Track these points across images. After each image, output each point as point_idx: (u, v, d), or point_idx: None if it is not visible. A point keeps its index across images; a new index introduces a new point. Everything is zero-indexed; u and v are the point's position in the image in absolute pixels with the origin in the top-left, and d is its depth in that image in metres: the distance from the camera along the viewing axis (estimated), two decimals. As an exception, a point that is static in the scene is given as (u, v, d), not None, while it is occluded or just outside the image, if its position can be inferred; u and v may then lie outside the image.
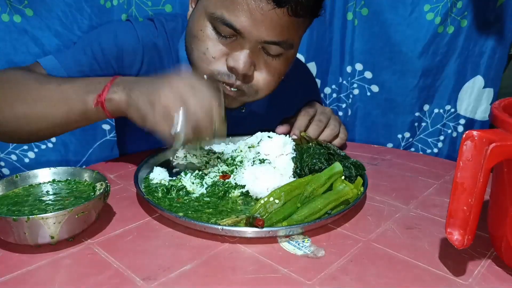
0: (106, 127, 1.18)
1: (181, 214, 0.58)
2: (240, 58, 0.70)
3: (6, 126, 0.70)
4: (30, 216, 0.48)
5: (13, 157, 1.11)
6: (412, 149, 1.25)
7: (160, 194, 0.65)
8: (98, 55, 0.80)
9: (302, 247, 0.53)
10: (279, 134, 0.83)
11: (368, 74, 1.22)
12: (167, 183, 0.68)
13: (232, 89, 0.74)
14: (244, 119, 0.95)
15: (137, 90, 0.61)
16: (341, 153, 0.73)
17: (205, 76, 0.73)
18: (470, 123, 1.19)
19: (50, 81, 0.69)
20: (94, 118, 0.67)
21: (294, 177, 0.69)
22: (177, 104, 0.57)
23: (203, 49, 0.72)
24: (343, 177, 0.65)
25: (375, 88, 1.22)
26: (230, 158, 0.77)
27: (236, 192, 0.65)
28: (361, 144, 1.00)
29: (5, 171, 1.12)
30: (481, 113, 1.18)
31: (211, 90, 0.60)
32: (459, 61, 1.13)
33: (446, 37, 1.10)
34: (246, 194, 0.65)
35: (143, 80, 0.63)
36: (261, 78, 0.75)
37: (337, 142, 0.87)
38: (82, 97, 0.65)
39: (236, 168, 0.73)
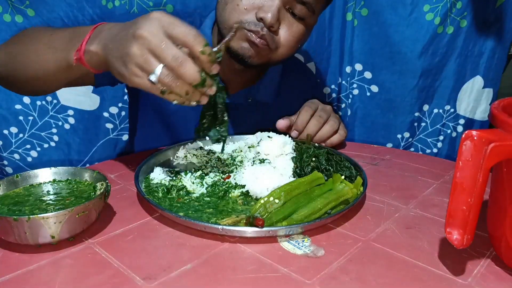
0: (109, 126, 1.18)
1: (181, 214, 0.59)
2: (270, 10, 0.77)
3: (9, 69, 0.75)
4: (31, 216, 0.48)
5: (16, 156, 1.11)
6: (412, 149, 1.25)
7: (160, 194, 0.65)
8: None
9: (302, 246, 0.53)
10: (279, 128, 0.84)
11: (367, 74, 1.22)
12: (167, 183, 0.68)
13: (257, 38, 0.79)
14: (250, 109, 0.97)
15: (110, 42, 0.59)
16: (341, 154, 0.74)
17: (234, 25, 0.76)
18: (470, 123, 1.19)
19: (48, 30, 0.73)
20: (79, 72, 0.67)
21: (294, 177, 0.70)
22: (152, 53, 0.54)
23: (237, 1, 0.78)
24: (343, 177, 0.65)
25: (374, 88, 1.22)
26: (230, 158, 0.77)
27: (236, 192, 0.66)
28: (361, 144, 1.00)
29: (8, 170, 1.12)
30: (481, 113, 1.18)
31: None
32: (459, 61, 1.13)
33: (446, 37, 1.10)
34: (246, 194, 0.65)
35: (119, 27, 0.60)
36: (284, 35, 0.81)
37: (336, 138, 0.88)
38: (65, 52, 0.65)
39: (236, 168, 0.73)
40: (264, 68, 0.93)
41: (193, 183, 0.68)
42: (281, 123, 0.86)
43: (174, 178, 0.70)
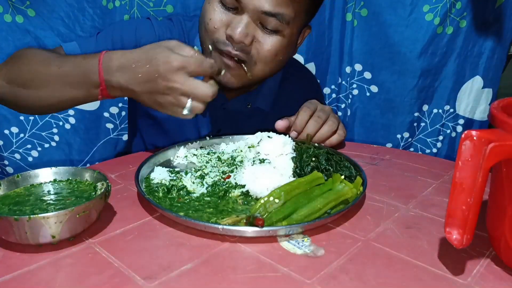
0: (109, 126, 1.19)
1: (181, 213, 0.59)
2: (237, 27, 0.75)
3: (23, 101, 0.76)
4: (32, 216, 0.48)
5: (17, 156, 1.11)
6: (411, 149, 1.26)
7: (160, 194, 0.65)
8: (117, 45, 0.86)
9: (302, 246, 0.53)
10: (278, 129, 0.84)
11: (367, 75, 1.22)
12: (167, 183, 0.68)
13: (230, 61, 0.79)
14: (249, 116, 0.97)
15: (136, 85, 0.67)
16: (341, 154, 0.74)
17: (210, 47, 0.79)
18: (469, 123, 1.19)
19: (52, 62, 0.73)
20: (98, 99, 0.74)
21: (294, 177, 0.70)
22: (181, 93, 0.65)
23: (207, 20, 0.78)
24: (342, 177, 0.65)
25: (374, 89, 1.22)
26: (230, 158, 0.78)
27: (236, 192, 0.66)
28: (360, 144, 1.00)
29: (9, 169, 1.12)
30: (480, 113, 1.18)
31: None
32: (458, 61, 1.14)
33: (445, 38, 1.11)
34: (246, 194, 0.65)
35: (136, 66, 0.67)
36: (259, 50, 0.79)
37: (335, 138, 0.88)
38: (83, 89, 0.70)
39: (236, 168, 0.73)
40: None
41: (193, 183, 0.68)
42: (280, 123, 0.86)
43: (174, 178, 0.70)
